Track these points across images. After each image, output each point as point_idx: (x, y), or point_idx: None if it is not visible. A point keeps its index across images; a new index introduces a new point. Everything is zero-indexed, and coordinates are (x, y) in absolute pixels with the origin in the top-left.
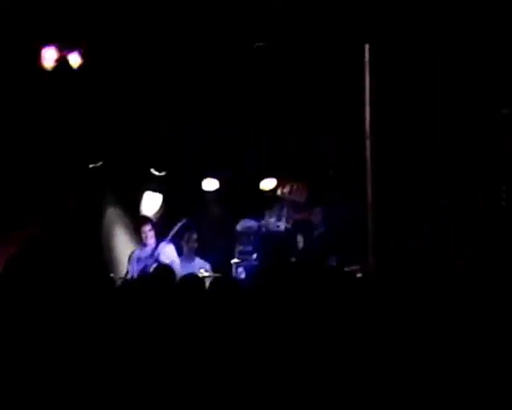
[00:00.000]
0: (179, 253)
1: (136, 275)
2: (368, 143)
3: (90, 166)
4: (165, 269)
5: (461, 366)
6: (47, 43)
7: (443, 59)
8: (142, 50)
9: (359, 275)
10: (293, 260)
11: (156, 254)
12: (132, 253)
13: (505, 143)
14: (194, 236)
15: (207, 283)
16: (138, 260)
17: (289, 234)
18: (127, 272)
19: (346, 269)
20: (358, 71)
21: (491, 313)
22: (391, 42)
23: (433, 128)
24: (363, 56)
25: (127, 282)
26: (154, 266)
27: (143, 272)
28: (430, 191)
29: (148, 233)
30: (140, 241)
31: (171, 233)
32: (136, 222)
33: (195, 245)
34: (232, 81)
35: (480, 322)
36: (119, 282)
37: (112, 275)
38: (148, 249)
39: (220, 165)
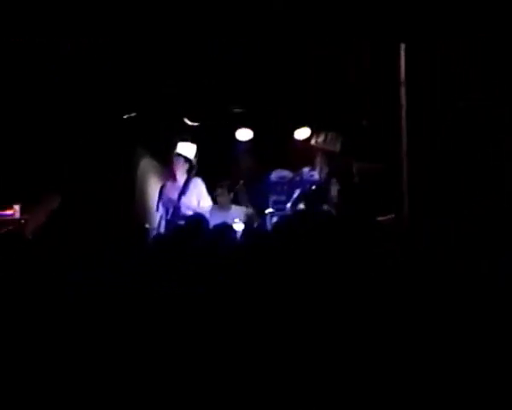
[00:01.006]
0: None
1: (164, 209)
2: (403, 90)
3: (125, 116)
4: (198, 218)
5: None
6: None
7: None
8: None
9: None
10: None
11: (186, 188)
12: (163, 186)
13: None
14: (227, 184)
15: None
16: (168, 192)
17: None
18: (157, 206)
19: (380, 219)
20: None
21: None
22: None
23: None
24: None
25: (159, 234)
26: (183, 198)
27: (172, 208)
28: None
29: (181, 167)
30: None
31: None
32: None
33: (230, 197)
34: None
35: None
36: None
37: (147, 226)
38: (179, 184)
39: (254, 114)
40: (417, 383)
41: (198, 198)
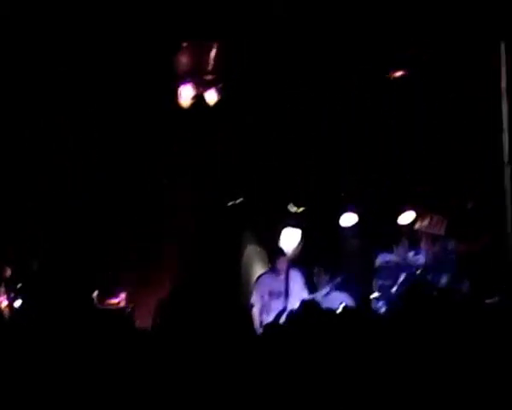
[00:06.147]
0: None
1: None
2: (508, 170)
3: (229, 203)
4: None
5: None
6: (184, 81)
7: None
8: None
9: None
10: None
11: (288, 286)
12: (260, 276)
13: None
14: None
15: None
16: (270, 293)
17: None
18: (252, 297)
19: (487, 301)
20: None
21: None
22: None
23: None
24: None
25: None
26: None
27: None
28: None
29: (282, 262)
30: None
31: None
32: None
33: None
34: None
35: None
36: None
37: None
38: (279, 280)
39: (357, 199)
40: None
41: (297, 292)
